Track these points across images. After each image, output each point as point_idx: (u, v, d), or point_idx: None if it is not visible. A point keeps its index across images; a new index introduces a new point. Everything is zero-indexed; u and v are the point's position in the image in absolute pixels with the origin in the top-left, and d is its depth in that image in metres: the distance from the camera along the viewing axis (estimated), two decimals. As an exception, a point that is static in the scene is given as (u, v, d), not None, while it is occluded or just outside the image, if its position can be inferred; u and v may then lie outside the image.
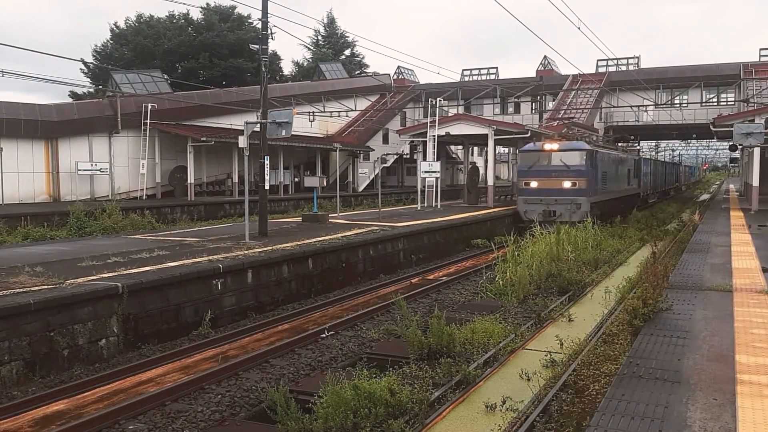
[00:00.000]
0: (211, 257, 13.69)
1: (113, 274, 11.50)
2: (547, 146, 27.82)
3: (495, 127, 33.87)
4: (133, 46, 56.03)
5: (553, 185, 27.28)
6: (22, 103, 32.07)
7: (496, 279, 14.77)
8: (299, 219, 25.04)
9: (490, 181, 35.16)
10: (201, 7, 56.68)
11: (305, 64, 71.91)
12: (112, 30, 58.46)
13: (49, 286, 10.24)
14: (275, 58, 62.70)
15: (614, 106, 46.61)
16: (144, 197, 35.10)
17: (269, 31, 18.82)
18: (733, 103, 46.28)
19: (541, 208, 27.18)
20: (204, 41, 54.90)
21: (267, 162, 18.54)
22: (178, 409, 8.08)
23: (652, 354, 7.97)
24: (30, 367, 9.13)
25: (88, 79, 55.37)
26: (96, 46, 59.02)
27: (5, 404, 8.00)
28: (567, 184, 27.02)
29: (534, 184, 27.69)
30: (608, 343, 9.41)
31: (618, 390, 6.76)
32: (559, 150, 27.48)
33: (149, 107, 35.25)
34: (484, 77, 60.48)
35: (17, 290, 9.86)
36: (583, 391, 7.61)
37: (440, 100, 38.22)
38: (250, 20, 58.92)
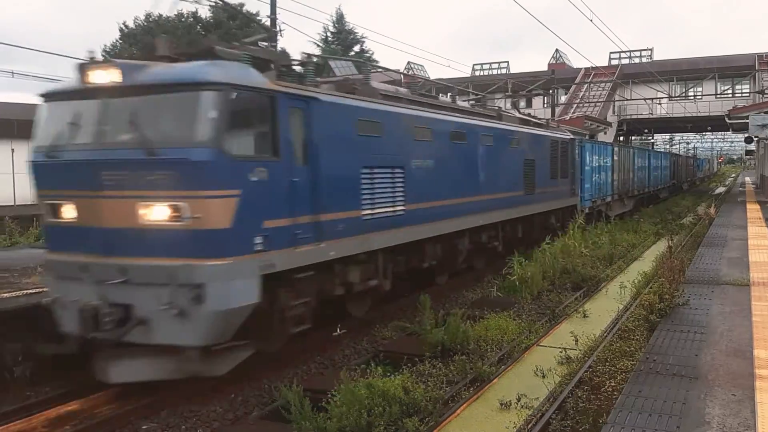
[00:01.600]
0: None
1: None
2: (97, 75, 7.96)
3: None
4: (142, 45, 56.20)
5: (110, 217, 7.79)
6: (34, 105, 32.31)
7: (514, 276, 14.62)
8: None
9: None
10: (209, 5, 56.80)
11: (315, 61, 71.83)
12: (121, 29, 58.69)
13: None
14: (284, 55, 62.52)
15: (627, 99, 46.25)
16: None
17: (278, 29, 18.78)
18: (748, 94, 45.89)
19: (86, 298, 7.72)
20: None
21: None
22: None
23: (669, 350, 7.88)
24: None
25: (100, 80, 55.59)
26: (105, 45, 59.31)
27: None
28: (157, 214, 7.59)
29: (69, 214, 8.14)
30: (624, 339, 9.30)
31: (635, 386, 6.68)
32: (126, 91, 7.81)
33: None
34: (495, 71, 60.31)
35: (31, 291, 9.88)
36: (599, 387, 7.52)
37: (451, 95, 38.05)
38: (259, 18, 58.93)
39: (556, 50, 60.20)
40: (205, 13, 58.08)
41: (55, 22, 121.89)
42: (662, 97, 40.17)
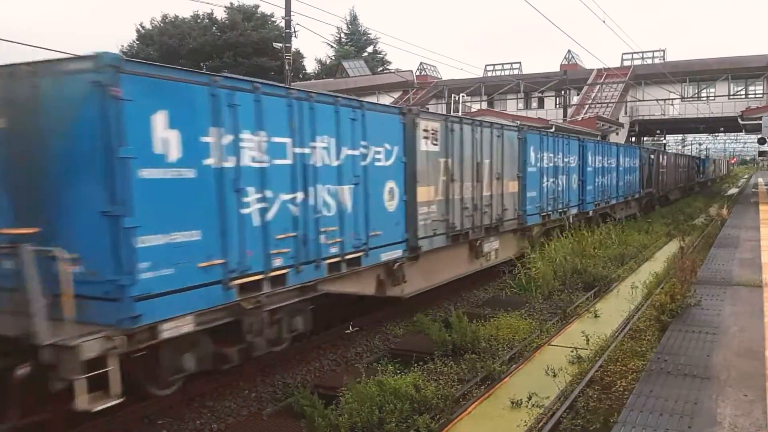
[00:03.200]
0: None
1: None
2: None
3: (518, 122, 33.62)
4: (158, 46, 56.68)
5: None
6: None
7: (518, 276, 14.66)
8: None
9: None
10: (225, 7, 57.23)
11: (328, 61, 72.26)
12: (138, 31, 59.29)
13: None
14: (298, 56, 62.96)
15: (640, 100, 46.04)
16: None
17: (293, 30, 18.90)
18: (761, 95, 45.57)
19: None
20: (228, 40, 55.41)
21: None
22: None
23: (681, 350, 7.90)
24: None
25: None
26: (122, 47, 59.89)
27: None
28: None
29: None
30: (635, 339, 9.33)
31: (646, 386, 6.71)
32: None
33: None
34: (507, 72, 60.21)
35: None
36: (610, 387, 7.55)
37: (463, 96, 38.10)
38: (273, 19, 59.31)
39: (569, 51, 59.90)
40: (220, 14, 58.48)
41: (76, 24, 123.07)
42: (674, 98, 39.91)
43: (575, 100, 50.60)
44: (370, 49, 76.19)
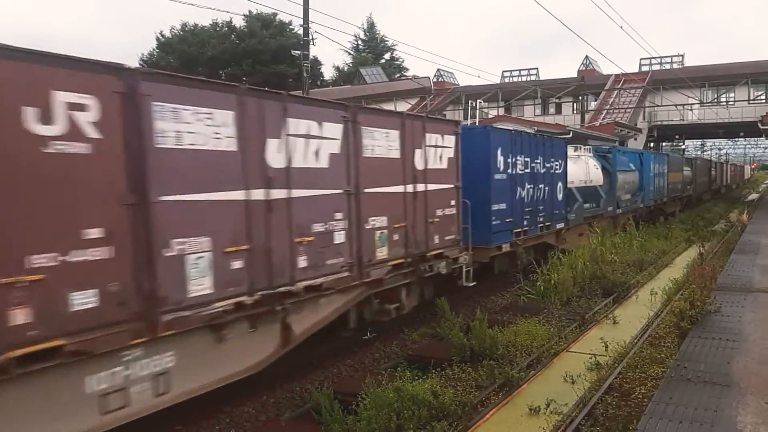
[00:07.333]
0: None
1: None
2: None
3: (536, 128, 33.50)
4: (178, 54, 57.29)
5: None
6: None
7: (538, 283, 14.64)
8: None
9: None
10: (244, 15, 57.77)
11: (346, 68, 72.57)
12: (158, 39, 59.95)
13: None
14: (316, 63, 63.31)
15: (658, 105, 45.72)
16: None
17: (311, 37, 19.04)
18: (782, 100, 45.08)
19: None
20: (247, 48, 55.88)
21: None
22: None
23: (701, 357, 7.85)
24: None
25: (135, 88, 56.89)
26: (143, 54, 60.56)
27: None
28: None
29: None
30: (654, 346, 9.28)
31: (665, 393, 6.68)
32: None
33: (193, 114, 35.65)
34: (524, 78, 60.05)
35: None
36: (629, 394, 7.52)
37: (480, 102, 38.00)
38: (291, 27, 59.72)
39: (586, 57, 59.68)
40: (239, 22, 59.01)
41: (99, 31, 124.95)
42: (693, 103, 39.59)
43: (593, 105, 50.37)
44: (387, 56, 76.45)
